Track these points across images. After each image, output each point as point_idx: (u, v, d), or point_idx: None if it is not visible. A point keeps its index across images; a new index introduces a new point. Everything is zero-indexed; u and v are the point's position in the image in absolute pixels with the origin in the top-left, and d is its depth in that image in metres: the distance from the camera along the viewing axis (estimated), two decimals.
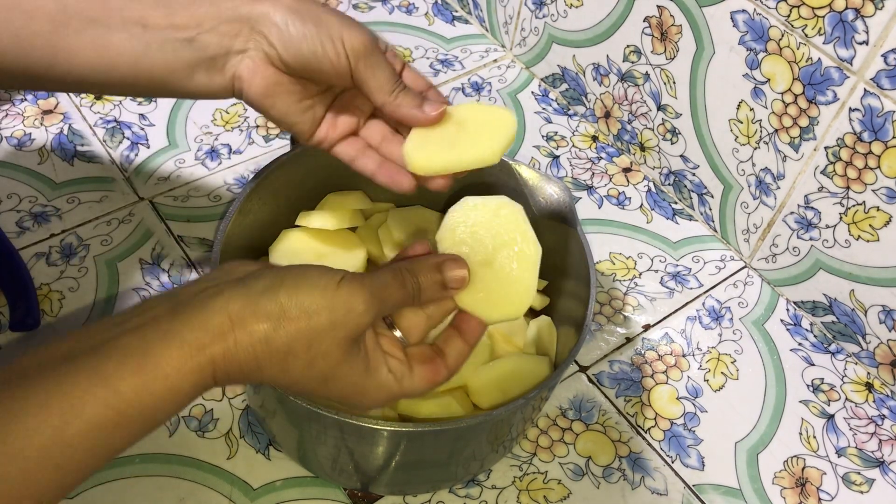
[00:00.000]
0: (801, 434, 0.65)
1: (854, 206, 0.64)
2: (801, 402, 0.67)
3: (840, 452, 0.65)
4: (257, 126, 0.81)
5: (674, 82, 0.73)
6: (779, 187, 0.69)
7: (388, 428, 0.50)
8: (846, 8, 0.58)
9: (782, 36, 0.63)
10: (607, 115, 0.82)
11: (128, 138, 0.78)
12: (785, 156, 0.67)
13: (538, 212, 0.62)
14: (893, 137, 0.59)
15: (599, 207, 0.78)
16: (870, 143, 0.61)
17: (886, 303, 0.65)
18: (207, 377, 0.39)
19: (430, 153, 0.50)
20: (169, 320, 0.39)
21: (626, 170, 0.82)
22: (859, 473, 0.64)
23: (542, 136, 0.83)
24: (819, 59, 0.61)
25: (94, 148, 0.77)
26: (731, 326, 0.71)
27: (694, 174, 0.76)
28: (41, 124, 0.78)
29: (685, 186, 0.78)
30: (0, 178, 0.73)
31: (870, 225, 0.64)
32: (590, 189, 0.80)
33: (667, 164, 0.78)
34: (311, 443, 0.55)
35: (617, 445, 0.63)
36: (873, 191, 0.62)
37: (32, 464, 0.35)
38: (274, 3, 0.47)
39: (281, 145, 0.80)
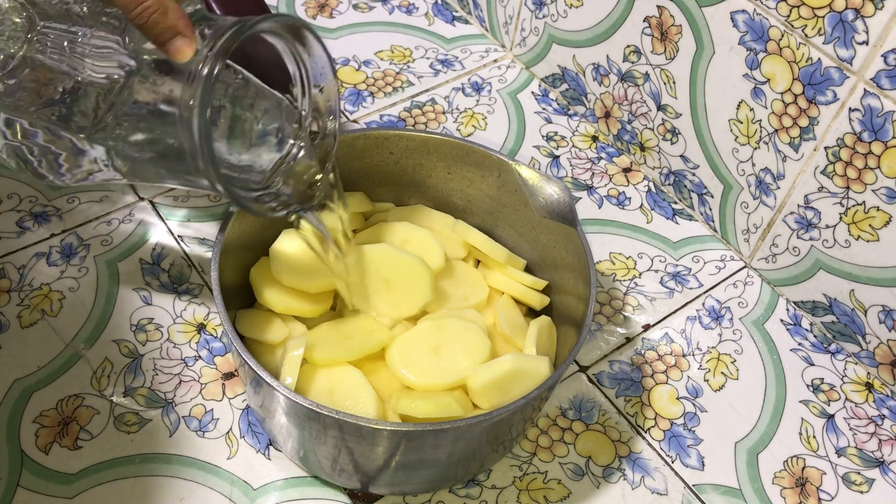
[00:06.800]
0: (800, 434, 0.65)
1: (854, 206, 0.64)
2: (801, 402, 0.67)
3: (840, 452, 0.65)
4: None
5: (674, 82, 0.73)
6: (779, 187, 0.69)
7: (388, 428, 0.50)
8: (846, 8, 0.58)
9: (782, 36, 0.63)
10: (607, 115, 0.82)
11: None
12: (785, 156, 0.67)
13: (538, 212, 0.62)
14: (893, 137, 0.60)
15: (599, 207, 0.78)
16: (870, 143, 0.61)
17: (886, 303, 0.65)
18: None
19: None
20: None
21: (626, 170, 0.82)
22: (859, 473, 0.64)
23: (542, 136, 0.83)
24: (819, 59, 0.61)
25: None
26: (731, 326, 0.71)
27: (694, 174, 0.76)
28: None
29: (685, 186, 0.78)
30: (0, 178, 0.73)
31: (870, 225, 0.64)
32: (590, 189, 0.80)
33: (667, 164, 0.78)
34: (311, 443, 0.55)
35: (617, 445, 0.64)
36: (873, 191, 0.62)
37: None
38: None
39: None
